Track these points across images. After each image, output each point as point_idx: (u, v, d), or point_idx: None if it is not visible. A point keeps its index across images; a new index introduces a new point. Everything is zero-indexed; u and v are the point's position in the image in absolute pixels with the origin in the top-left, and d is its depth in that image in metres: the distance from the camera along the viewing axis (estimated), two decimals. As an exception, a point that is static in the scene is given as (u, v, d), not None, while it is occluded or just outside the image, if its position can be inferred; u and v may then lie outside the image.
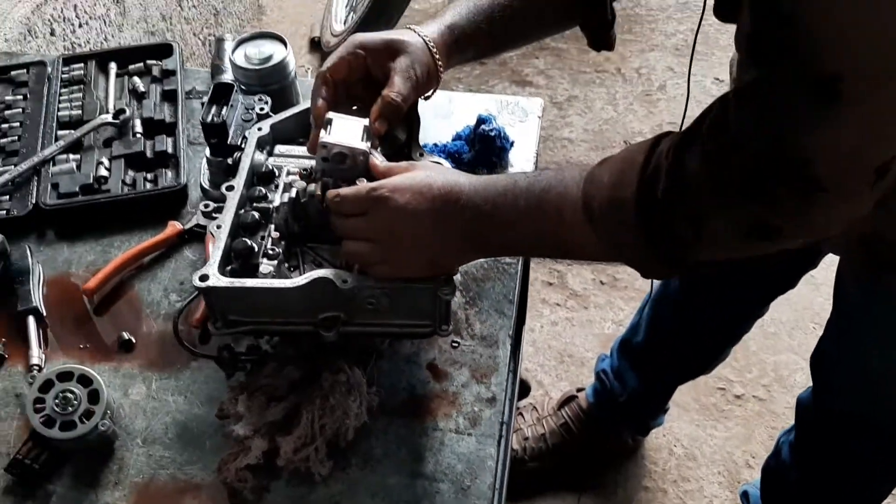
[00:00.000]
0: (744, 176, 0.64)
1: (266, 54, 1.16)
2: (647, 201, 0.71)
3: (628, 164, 0.74)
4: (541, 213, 0.80)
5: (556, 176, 0.81)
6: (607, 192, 0.74)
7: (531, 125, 1.25)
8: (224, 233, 0.89)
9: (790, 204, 0.64)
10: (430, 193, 0.82)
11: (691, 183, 0.68)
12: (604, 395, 1.75)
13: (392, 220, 0.82)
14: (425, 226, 0.82)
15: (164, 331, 1.05)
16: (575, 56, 2.84)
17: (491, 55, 1.11)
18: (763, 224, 0.67)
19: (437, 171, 0.85)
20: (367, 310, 0.89)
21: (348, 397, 0.92)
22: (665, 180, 0.70)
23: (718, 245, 0.72)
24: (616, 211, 0.74)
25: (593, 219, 0.76)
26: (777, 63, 0.61)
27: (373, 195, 0.82)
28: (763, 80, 0.63)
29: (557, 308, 2.15)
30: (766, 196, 0.64)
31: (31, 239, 1.14)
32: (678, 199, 0.69)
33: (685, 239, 0.71)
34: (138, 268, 1.11)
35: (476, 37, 1.00)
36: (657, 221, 0.71)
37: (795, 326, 2.08)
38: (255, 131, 0.98)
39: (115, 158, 1.20)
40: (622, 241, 0.75)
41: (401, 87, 0.92)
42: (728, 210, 0.68)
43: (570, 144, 2.57)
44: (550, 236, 0.81)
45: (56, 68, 1.33)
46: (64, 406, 0.91)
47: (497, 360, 1.00)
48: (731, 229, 0.69)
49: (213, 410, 0.96)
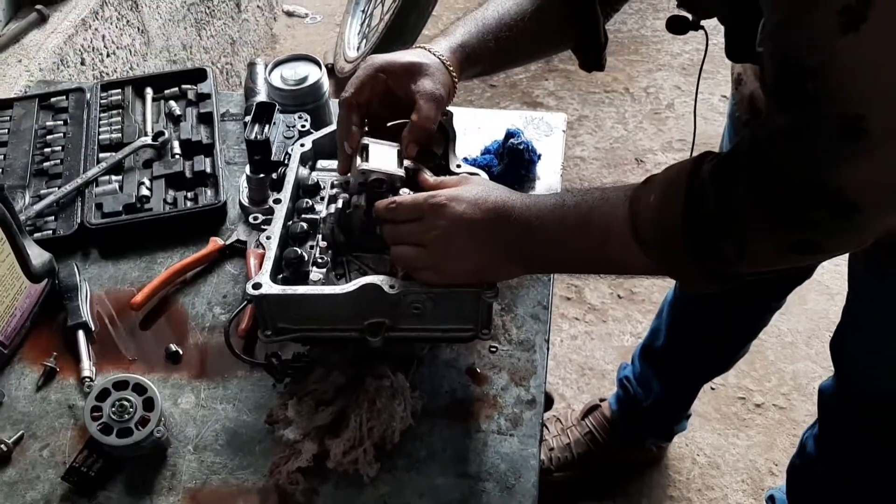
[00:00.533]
0: (787, 204, 0.70)
1: (301, 75, 1.21)
2: (694, 224, 0.76)
3: (673, 187, 0.78)
4: (588, 232, 0.84)
5: (602, 196, 0.85)
6: (654, 213, 0.79)
7: (556, 139, 1.29)
8: (274, 243, 0.93)
9: (830, 225, 0.69)
10: (485, 205, 0.86)
11: (737, 209, 0.73)
12: (627, 402, 1.77)
13: (447, 227, 0.85)
14: (477, 236, 0.86)
15: (210, 342, 1.08)
16: (584, 77, 2.90)
17: (496, 72, 1.16)
18: (804, 242, 0.72)
19: (490, 186, 0.89)
20: (412, 315, 0.93)
21: (393, 401, 0.95)
22: (711, 205, 0.74)
23: (760, 261, 0.77)
24: (664, 232, 0.78)
25: (641, 239, 0.80)
26: (804, 109, 0.67)
27: (431, 202, 0.86)
28: (793, 123, 0.69)
29: (576, 322, 2.18)
30: (807, 220, 0.70)
31: (77, 257, 1.18)
32: (725, 223, 0.74)
33: (730, 257, 0.76)
34: (182, 283, 1.15)
35: (485, 55, 1.04)
36: (704, 243, 0.76)
37: (812, 335, 2.11)
38: (298, 147, 1.02)
39: (155, 178, 1.24)
40: (669, 260, 0.80)
41: (428, 111, 0.96)
42: (772, 233, 0.73)
43: (583, 163, 2.61)
44: (597, 254, 0.85)
45: (95, 94, 1.38)
46: (120, 414, 0.94)
47: (535, 363, 1.04)
48: (774, 248, 0.74)
49: (260, 417, 0.99)
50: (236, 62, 2.76)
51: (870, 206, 0.67)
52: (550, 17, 1.07)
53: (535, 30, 1.06)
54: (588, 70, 1.14)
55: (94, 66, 1.84)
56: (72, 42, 1.75)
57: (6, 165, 1.27)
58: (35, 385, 1.04)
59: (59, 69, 1.70)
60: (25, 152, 1.30)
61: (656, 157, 2.63)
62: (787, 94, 0.70)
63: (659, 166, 2.59)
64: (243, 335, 1.06)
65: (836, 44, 0.63)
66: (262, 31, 3.06)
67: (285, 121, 1.08)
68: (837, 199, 0.67)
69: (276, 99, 1.20)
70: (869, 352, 1.19)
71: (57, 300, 1.11)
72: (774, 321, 1.61)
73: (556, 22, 1.08)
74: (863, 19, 0.61)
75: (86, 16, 1.81)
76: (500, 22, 1.05)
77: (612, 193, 0.84)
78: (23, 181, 1.25)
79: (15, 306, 1.06)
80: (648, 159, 2.62)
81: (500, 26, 1.05)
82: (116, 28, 1.96)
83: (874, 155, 0.65)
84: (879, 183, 0.66)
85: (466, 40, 1.03)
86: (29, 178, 1.26)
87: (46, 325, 1.11)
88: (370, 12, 2.90)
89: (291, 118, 1.09)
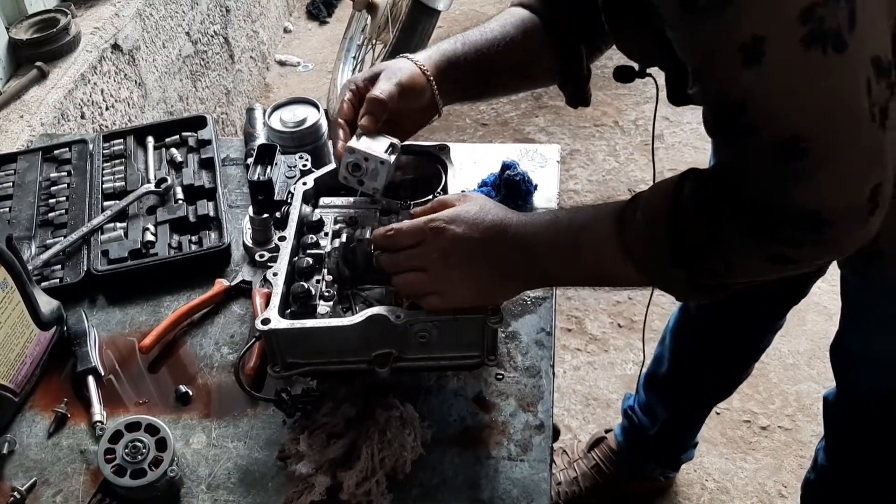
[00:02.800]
0: (762, 226, 0.74)
1: (300, 117, 1.24)
2: (680, 246, 0.80)
3: (656, 210, 0.82)
4: (580, 251, 0.87)
5: (593, 213, 0.89)
6: (641, 234, 0.82)
7: (551, 170, 1.32)
8: (280, 279, 0.94)
9: (804, 238, 0.73)
10: (483, 225, 0.88)
11: (716, 231, 0.77)
12: (633, 432, 1.77)
13: (447, 250, 0.88)
14: (478, 255, 0.88)
15: (219, 381, 1.09)
16: (573, 112, 2.95)
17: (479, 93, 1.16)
18: (784, 255, 0.76)
19: (489, 204, 0.92)
20: (419, 344, 0.94)
21: (403, 431, 0.96)
22: (693, 229, 0.78)
23: (748, 273, 0.81)
24: (654, 251, 0.82)
25: (633, 257, 0.84)
26: (743, 141, 0.72)
27: (430, 225, 0.88)
28: (738, 155, 0.74)
29: (578, 353, 2.19)
30: (782, 237, 0.73)
31: (85, 304, 1.20)
32: (707, 245, 0.78)
33: (719, 272, 0.80)
34: (189, 324, 1.16)
35: (463, 61, 1.05)
36: (692, 263, 0.80)
37: (813, 356, 2.12)
38: (300, 185, 1.05)
39: (160, 224, 1.26)
40: (660, 276, 0.84)
41: (382, 85, 0.98)
42: (752, 250, 0.77)
43: (577, 196, 2.65)
44: (590, 271, 0.89)
45: (97, 145, 1.41)
46: (134, 455, 0.95)
47: (541, 388, 1.05)
48: (758, 262, 0.78)
49: (272, 453, 1.00)
50: (231, 111, 2.81)
51: (838, 218, 0.70)
52: (534, 48, 1.09)
53: (521, 56, 1.08)
54: (574, 106, 1.17)
55: (93, 119, 1.88)
56: (72, 97, 1.79)
57: (12, 217, 1.30)
58: (46, 432, 1.05)
59: (59, 123, 1.73)
60: (30, 204, 1.32)
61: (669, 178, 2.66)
62: (724, 130, 0.75)
63: (652, 196, 2.62)
64: (252, 373, 1.07)
65: (746, 78, 0.68)
66: (255, 80, 3.12)
67: (286, 161, 1.11)
68: (802, 215, 0.71)
69: (277, 141, 1.23)
70: (863, 352, 1.21)
71: (66, 347, 1.13)
72: (775, 343, 1.62)
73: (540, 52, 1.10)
74: (762, 53, 0.66)
75: (85, 71, 1.85)
76: (485, 39, 1.07)
77: (602, 211, 0.88)
78: (29, 232, 1.27)
79: (25, 354, 1.07)
80: (641, 190, 2.65)
81: (485, 42, 1.06)
82: (115, 82, 2.00)
83: (825, 169, 0.68)
84: (840, 195, 0.70)
85: (445, 48, 1.06)
86: (35, 229, 1.28)
87: (56, 371, 1.12)
88: (361, 58, 2.95)
89: (292, 159, 1.12)
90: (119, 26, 2.02)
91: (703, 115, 0.77)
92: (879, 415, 1.24)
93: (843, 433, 1.35)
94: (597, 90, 2.92)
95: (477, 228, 0.88)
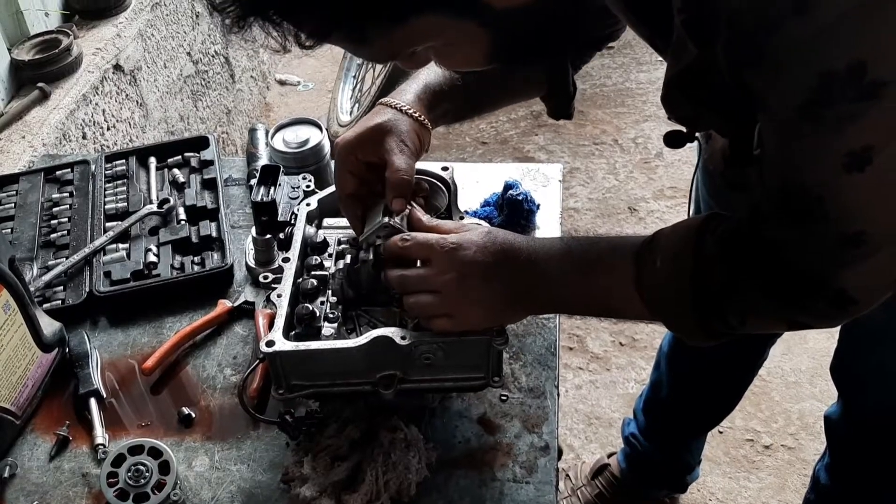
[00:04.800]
0: (789, 293, 0.75)
1: (303, 138, 1.24)
2: (702, 298, 0.79)
3: (680, 257, 0.80)
4: (593, 284, 0.87)
5: (608, 248, 0.88)
6: (661, 280, 0.81)
7: (553, 189, 1.32)
8: (285, 300, 0.94)
9: (827, 312, 0.75)
10: (494, 248, 0.88)
11: (743, 291, 0.78)
12: (636, 459, 1.76)
13: (463, 273, 0.87)
14: (491, 279, 0.87)
15: (222, 403, 1.09)
16: (573, 131, 2.96)
17: (468, 113, 1.16)
18: (801, 322, 0.79)
19: (494, 231, 0.91)
20: (423, 365, 0.94)
21: (408, 453, 0.96)
22: (718, 284, 0.78)
23: (760, 327, 0.83)
24: (671, 299, 0.81)
25: (645, 298, 0.83)
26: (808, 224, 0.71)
27: (441, 244, 0.87)
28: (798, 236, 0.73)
29: (580, 372, 2.18)
30: (807, 308, 0.75)
31: (87, 325, 1.19)
32: (730, 300, 0.78)
33: (732, 323, 0.80)
34: (192, 346, 1.16)
35: (451, 93, 1.05)
36: (710, 314, 0.80)
37: (815, 374, 2.12)
38: (304, 206, 1.05)
39: (162, 245, 1.26)
40: (673, 320, 0.84)
41: (398, 163, 0.96)
42: (773, 311, 0.78)
43: (577, 213, 2.65)
44: (600, 303, 0.90)
45: (99, 165, 1.41)
46: (136, 478, 0.94)
47: (546, 409, 1.04)
48: (772, 322, 0.81)
49: (276, 476, 0.99)
50: (232, 131, 2.81)
51: (865, 299, 0.73)
52: None
53: (506, 76, 1.08)
54: (556, 118, 1.16)
55: (95, 139, 1.88)
56: (73, 117, 1.79)
57: (14, 238, 1.29)
58: (48, 455, 1.04)
59: (61, 143, 1.73)
60: (32, 225, 1.32)
61: (649, 204, 2.67)
62: (789, 210, 0.72)
63: (652, 214, 2.63)
64: (255, 395, 1.06)
65: (840, 181, 0.66)
66: (255, 99, 3.13)
67: (290, 182, 1.11)
68: (836, 296, 0.73)
69: (280, 162, 1.23)
70: (863, 367, 1.21)
71: (68, 369, 1.12)
72: (777, 361, 1.62)
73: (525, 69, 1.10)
74: (868, 161, 0.64)
75: (86, 91, 1.86)
76: None
77: (619, 246, 0.87)
78: (31, 253, 1.27)
79: (27, 376, 1.07)
80: (641, 207, 2.66)
81: None
82: (116, 102, 2.01)
83: (874, 258, 0.70)
84: (877, 280, 0.72)
85: (430, 80, 1.04)
86: (37, 250, 1.28)
87: (58, 394, 1.12)
88: (361, 77, 2.97)
89: (296, 179, 1.12)
90: (121, 47, 2.03)
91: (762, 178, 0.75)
92: (885, 431, 1.23)
93: (847, 451, 1.35)
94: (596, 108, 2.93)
95: (488, 251, 0.87)
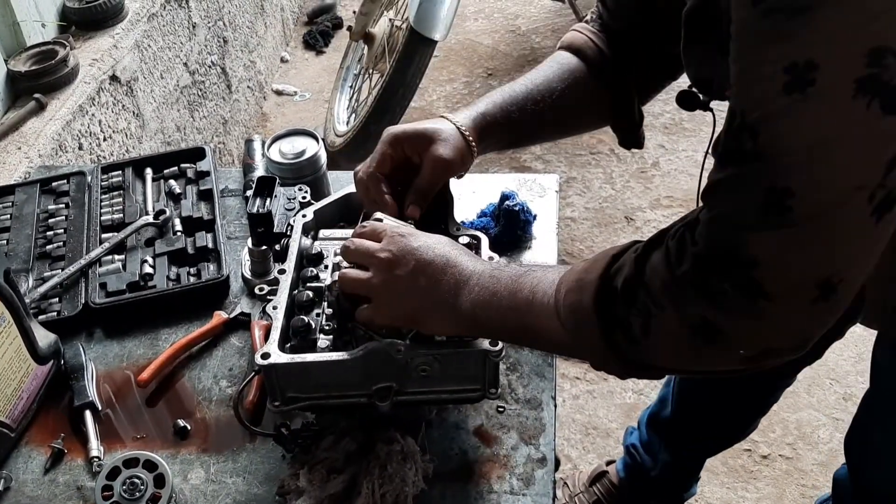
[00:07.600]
0: (694, 269, 0.66)
1: (299, 149, 1.24)
2: (606, 290, 0.74)
3: (602, 255, 0.78)
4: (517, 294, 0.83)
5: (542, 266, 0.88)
6: (574, 275, 0.78)
7: (550, 199, 1.32)
8: (280, 312, 0.94)
9: (734, 303, 0.65)
10: (439, 249, 0.89)
11: (648, 273, 0.71)
12: (635, 470, 1.75)
13: (397, 258, 0.88)
14: (420, 274, 0.87)
15: (218, 416, 1.08)
16: (569, 140, 2.96)
17: (524, 143, 1.18)
18: (708, 324, 0.67)
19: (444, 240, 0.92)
20: (419, 377, 0.93)
21: (404, 465, 0.95)
22: (625, 272, 0.73)
23: (665, 343, 0.72)
24: (578, 296, 0.76)
25: (558, 304, 0.78)
26: (738, 165, 0.64)
27: (394, 229, 0.91)
28: (724, 180, 0.66)
29: (577, 381, 2.18)
30: (711, 291, 0.65)
31: (82, 337, 1.19)
32: (634, 292, 0.71)
33: (635, 334, 0.72)
34: (187, 357, 1.15)
35: (508, 124, 1.06)
36: (611, 309, 0.73)
37: (813, 383, 2.11)
38: (300, 218, 1.05)
39: (158, 256, 1.26)
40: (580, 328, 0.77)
41: (429, 175, 1.00)
42: (675, 302, 0.68)
43: (574, 223, 2.65)
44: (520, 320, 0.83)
45: (95, 177, 1.41)
46: (132, 492, 0.93)
47: (543, 420, 1.04)
48: (677, 326, 0.69)
49: (272, 489, 0.98)
50: (228, 141, 2.81)
51: (776, 294, 0.63)
52: (582, 97, 1.09)
53: (564, 106, 1.08)
54: (627, 147, 1.17)
55: (91, 150, 1.88)
56: (70, 128, 1.79)
57: (9, 250, 1.29)
58: (43, 468, 1.04)
59: (57, 154, 1.73)
60: (28, 236, 1.32)
61: (645, 214, 2.67)
62: (726, 150, 0.66)
63: (648, 223, 2.63)
64: (251, 407, 1.06)
65: (778, 102, 0.60)
66: (252, 110, 3.13)
67: (286, 193, 1.11)
68: (745, 273, 0.63)
69: (276, 173, 1.23)
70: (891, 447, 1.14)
71: (63, 381, 1.12)
72: (775, 370, 1.61)
73: (588, 99, 1.10)
74: (810, 83, 0.58)
75: (83, 102, 1.86)
76: (527, 95, 1.07)
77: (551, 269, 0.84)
78: (26, 264, 1.27)
79: (22, 389, 1.06)
80: (638, 217, 2.66)
81: (527, 99, 1.07)
82: (112, 113, 2.00)
83: (794, 237, 0.62)
84: (792, 269, 0.63)
85: (488, 109, 1.06)
86: (32, 262, 1.28)
87: (53, 406, 1.11)
88: (358, 87, 2.97)
89: (292, 191, 1.12)
90: (117, 57, 2.03)
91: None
92: None
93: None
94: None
95: (431, 250, 0.88)
